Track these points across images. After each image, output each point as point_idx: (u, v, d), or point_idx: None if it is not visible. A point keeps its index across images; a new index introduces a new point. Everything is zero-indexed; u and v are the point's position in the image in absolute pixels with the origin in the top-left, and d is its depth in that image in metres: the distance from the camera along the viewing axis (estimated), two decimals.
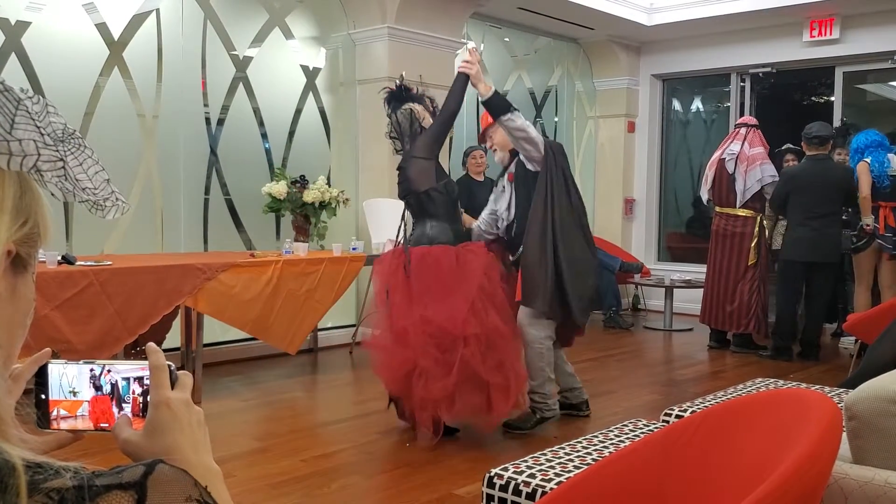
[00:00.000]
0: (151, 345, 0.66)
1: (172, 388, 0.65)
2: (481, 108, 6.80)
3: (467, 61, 3.17)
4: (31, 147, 0.55)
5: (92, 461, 0.54)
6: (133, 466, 0.53)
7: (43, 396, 0.65)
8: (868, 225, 4.93)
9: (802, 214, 4.94)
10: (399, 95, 3.35)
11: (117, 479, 0.51)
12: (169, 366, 0.65)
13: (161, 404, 0.63)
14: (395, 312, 3.10)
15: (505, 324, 3.13)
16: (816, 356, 5.03)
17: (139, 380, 0.66)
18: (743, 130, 5.40)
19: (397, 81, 3.39)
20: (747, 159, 5.23)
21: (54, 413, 0.66)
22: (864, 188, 4.89)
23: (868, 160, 4.91)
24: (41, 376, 0.65)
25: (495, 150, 3.54)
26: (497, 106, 3.18)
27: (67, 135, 0.59)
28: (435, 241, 3.19)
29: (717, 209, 5.43)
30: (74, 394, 0.66)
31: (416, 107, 3.32)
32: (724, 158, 5.36)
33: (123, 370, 0.66)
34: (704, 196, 5.55)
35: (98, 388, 0.66)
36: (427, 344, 3.00)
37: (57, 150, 0.57)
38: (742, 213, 5.27)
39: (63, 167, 0.58)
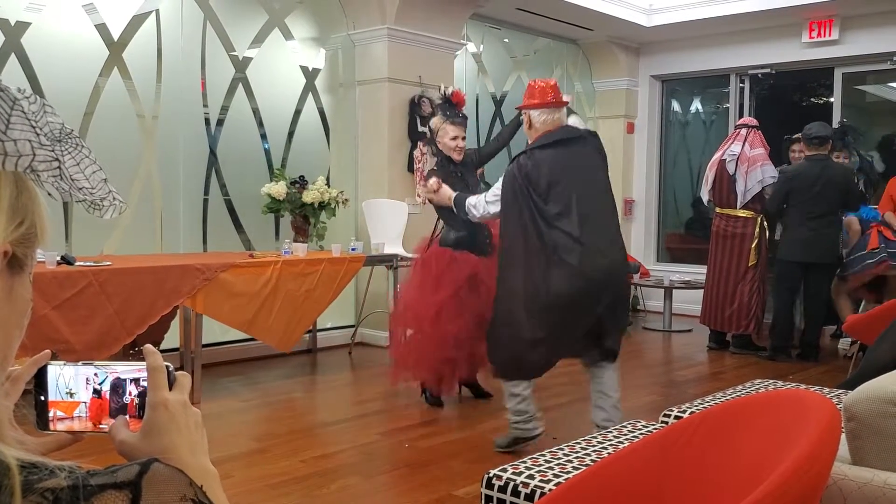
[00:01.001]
0: (149, 346, 0.66)
1: (170, 389, 0.65)
2: (481, 112, 6.80)
3: (427, 191, 3.56)
4: (27, 147, 0.54)
5: (88, 461, 0.54)
6: (128, 465, 0.52)
7: (42, 398, 0.65)
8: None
9: (801, 215, 4.95)
10: (441, 107, 3.81)
11: (112, 478, 0.51)
12: (167, 367, 0.65)
13: (158, 405, 0.63)
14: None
15: (473, 327, 3.46)
16: (816, 357, 5.02)
17: (136, 381, 0.66)
18: (743, 131, 5.40)
19: (445, 93, 3.85)
20: (748, 160, 5.23)
21: (52, 414, 0.66)
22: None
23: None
24: (40, 378, 0.65)
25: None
26: (461, 208, 3.34)
27: (65, 134, 0.59)
28: (443, 242, 3.63)
29: (718, 210, 5.43)
30: (72, 395, 0.66)
31: (435, 121, 3.79)
32: (725, 159, 5.36)
33: (121, 371, 0.66)
34: (705, 197, 5.55)
35: (97, 391, 0.66)
36: (406, 319, 3.72)
37: (53, 151, 0.57)
38: (742, 213, 5.27)
39: (59, 167, 0.58)
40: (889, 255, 4.83)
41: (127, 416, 0.65)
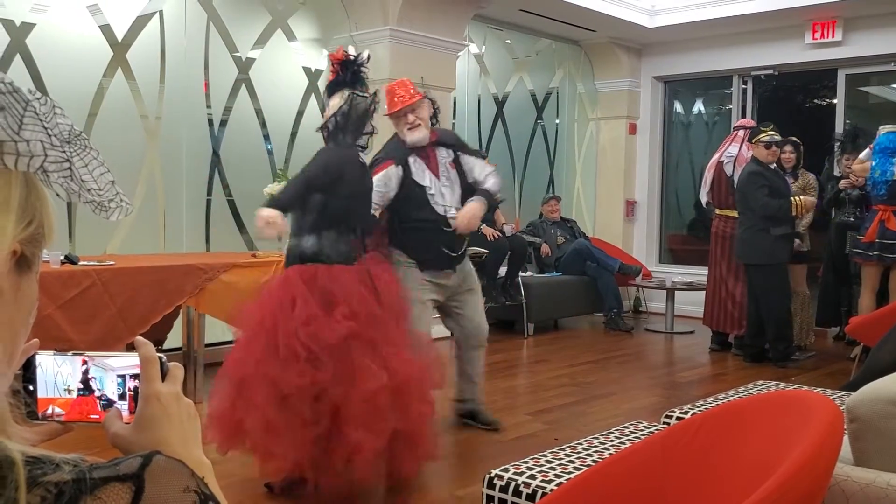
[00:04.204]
0: (140, 338, 0.66)
1: (163, 380, 0.65)
2: (483, 113, 6.79)
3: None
4: (38, 148, 0.55)
5: (93, 454, 0.54)
6: (130, 458, 0.53)
7: (31, 388, 0.65)
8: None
9: None
10: (356, 75, 2.81)
11: (115, 471, 0.51)
12: (160, 358, 0.65)
13: (151, 398, 0.63)
14: None
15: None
16: (775, 360, 4.87)
17: (135, 376, 0.66)
18: (741, 133, 5.40)
19: (351, 55, 2.83)
20: (745, 161, 5.22)
21: (49, 409, 0.65)
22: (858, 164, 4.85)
23: (873, 163, 4.76)
24: (28, 368, 0.65)
25: (418, 125, 3.12)
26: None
27: (74, 136, 0.60)
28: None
29: (717, 211, 5.44)
30: (67, 388, 0.66)
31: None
32: (723, 161, 5.36)
33: (118, 366, 0.66)
34: (703, 198, 5.56)
35: (87, 384, 0.66)
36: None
37: (63, 152, 0.57)
38: None
39: (69, 168, 0.58)
40: (880, 255, 4.68)
41: (123, 409, 0.65)
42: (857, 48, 6.12)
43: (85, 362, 0.66)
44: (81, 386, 0.66)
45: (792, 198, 4.83)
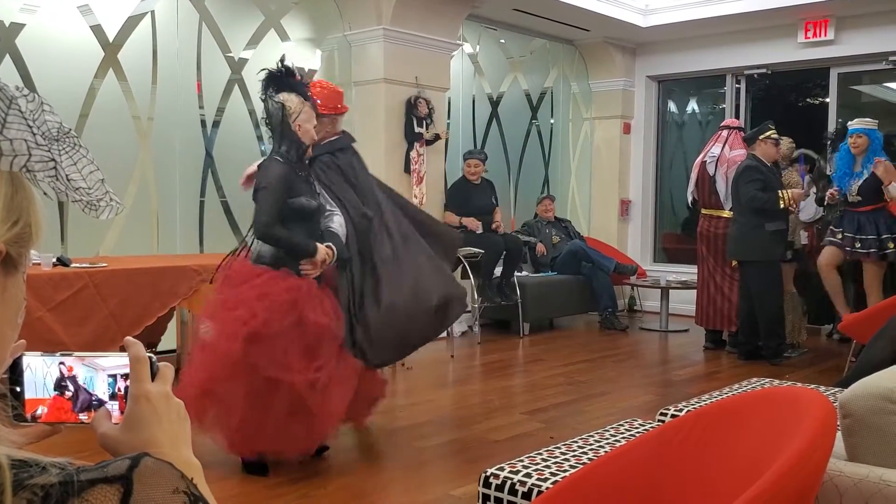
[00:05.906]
0: (130, 338, 0.66)
1: (153, 380, 0.64)
2: (477, 113, 6.81)
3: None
4: (23, 147, 0.54)
5: (83, 458, 0.54)
6: (118, 460, 0.52)
7: (17, 389, 0.64)
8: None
9: None
10: (278, 80, 2.94)
11: (102, 473, 0.51)
12: (150, 357, 0.65)
13: (140, 398, 0.63)
14: None
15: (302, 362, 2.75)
16: (768, 357, 4.88)
17: (126, 377, 0.65)
18: (724, 133, 5.42)
19: (278, 63, 2.99)
20: (727, 162, 5.25)
21: (39, 411, 0.65)
22: None
23: None
24: (14, 369, 0.64)
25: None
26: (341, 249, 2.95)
27: (62, 133, 0.59)
28: (259, 259, 2.91)
29: (702, 211, 5.47)
30: (54, 388, 0.65)
31: (292, 99, 2.90)
32: (706, 161, 5.39)
33: (108, 366, 0.66)
34: (689, 197, 5.60)
35: (65, 386, 0.65)
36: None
37: (49, 151, 0.57)
38: (726, 214, 5.27)
39: (55, 167, 0.58)
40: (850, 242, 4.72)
41: (112, 409, 0.65)
42: (849, 47, 6.14)
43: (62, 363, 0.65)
44: (55, 386, 0.65)
45: (779, 191, 4.85)
